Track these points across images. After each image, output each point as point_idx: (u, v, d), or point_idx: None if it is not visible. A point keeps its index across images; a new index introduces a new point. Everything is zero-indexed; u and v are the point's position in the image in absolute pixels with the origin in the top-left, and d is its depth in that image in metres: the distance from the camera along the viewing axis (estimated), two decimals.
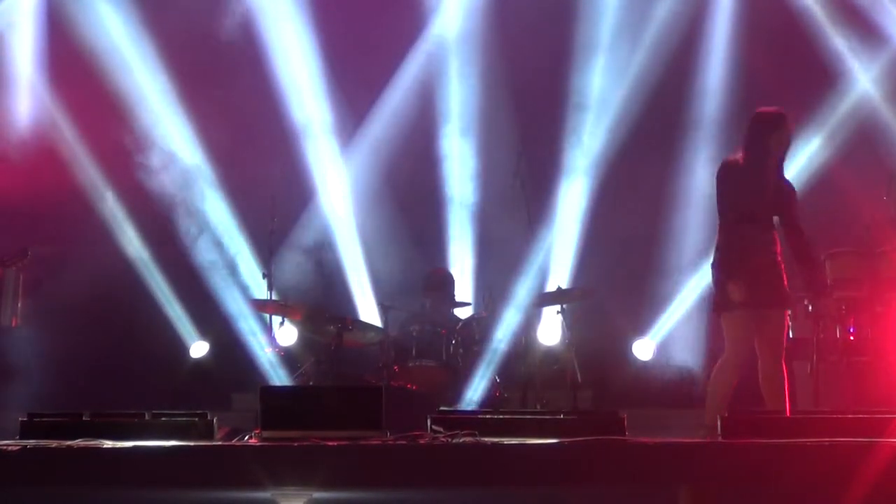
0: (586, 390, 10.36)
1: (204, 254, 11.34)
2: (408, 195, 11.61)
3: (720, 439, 6.33)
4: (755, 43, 11.56)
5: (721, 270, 7.56)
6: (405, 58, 11.89)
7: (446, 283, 10.24)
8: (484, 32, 11.76)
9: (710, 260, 7.69)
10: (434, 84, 11.87)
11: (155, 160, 11.16)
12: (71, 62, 11.30)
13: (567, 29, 11.63)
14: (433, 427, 6.38)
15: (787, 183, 7.73)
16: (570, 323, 9.71)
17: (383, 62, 11.83)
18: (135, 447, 5.93)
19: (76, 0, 11.41)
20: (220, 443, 6.56)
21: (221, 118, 11.38)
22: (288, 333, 10.21)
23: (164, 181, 11.23)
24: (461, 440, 6.13)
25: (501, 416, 6.68)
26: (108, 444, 5.99)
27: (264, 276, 9.94)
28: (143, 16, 11.42)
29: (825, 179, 11.27)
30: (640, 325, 11.33)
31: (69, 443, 6.00)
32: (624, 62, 11.63)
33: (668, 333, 11.31)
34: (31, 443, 6.07)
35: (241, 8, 11.59)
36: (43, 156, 11.27)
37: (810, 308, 9.53)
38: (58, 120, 11.38)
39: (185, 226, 11.23)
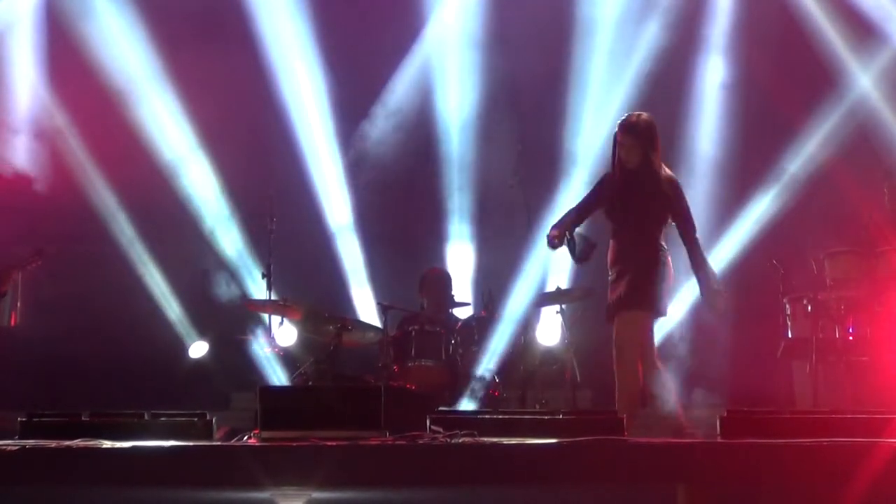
0: (585, 390, 10.36)
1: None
2: (407, 194, 11.60)
3: (719, 439, 6.33)
4: (754, 42, 11.56)
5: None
6: (405, 57, 11.89)
7: (442, 282, 10.22)
8: (483, 31, 11.76)
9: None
10: (433, 83, 11.86)
11: None
12: (70, 58, 11.32)
13: (567, 26, 11.63)
14: (432, 427, 6.38)
15: (668, 189, 7.66)
16: (570, 323, 9.71)
17: (383, 61, 11.83)
18: (134, 447, 5.92)
19: None
20: (219, 443, 6.56)
21: (221, 118, 11.38)
22: (287, 333, 10.20)
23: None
24: (460, 440, 6.13)
25: (500, 416, 6.67)
26: (108, 444, 5.98)
27: (263, 276, 9.93)
28: (142, 15, 11.45)
29: (824, 179, 11.27)
30: None
31: (68, 443, 6.00)
32: (623, 60, 11.64)
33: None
34: (30, 443, 6.06)
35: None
36: (42, 154, 11.27)
37: (809, 308, 9.53)
38: (57, 118, 11.39)
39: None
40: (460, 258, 11.54)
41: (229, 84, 11.35)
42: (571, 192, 11.57)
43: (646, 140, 7.61)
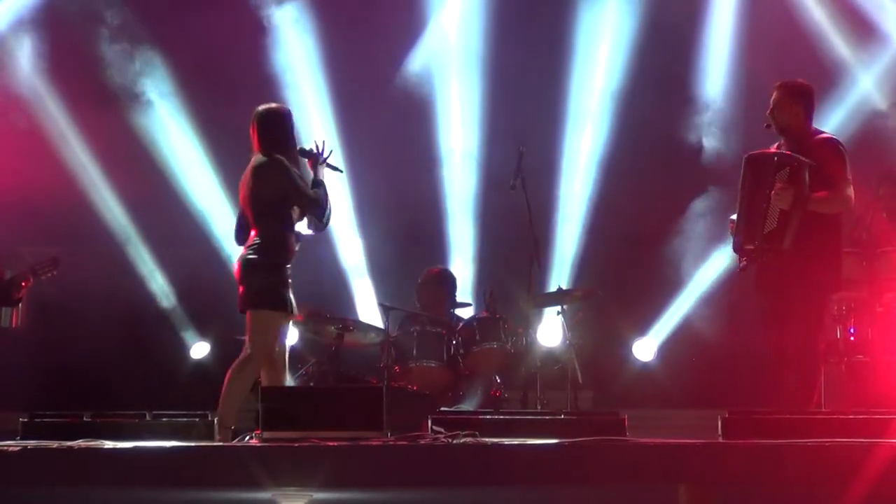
0: (587, 391, 10.36)
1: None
2: (408, 194, 11.60)
3: (721, 439, 6.33)
4: (755, 42, 11.56)
5: None
6: (406, 56, 11.89)
7: (444, 282, 10.22)
8: (485, 30, 11.76)
9: None
10: (434, 82, 11.86)
11: None
12: (69, 57, 11.34)
13: (568, 25, 11.64)
14: (434, 427, 6.39)
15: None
16: (571, 323, 9.71)
17: (384, 60, 11.82)
18: (135, 448, 5.94)
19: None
20: (220, 443, 6.57)
21: (222, 118, 11.38)
22: (289, 334, 10.19)
23: None
24: (462, 440, 6.14)
25: (502, 417, 6.69)
26: (109, 444, 6.00)
27: None
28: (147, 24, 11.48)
29: None
30: (641, 325, 11.33)
31: (70, 443, 6.02)
32: (624, 57, 11.66)
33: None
34: (31, 443, 6.08)
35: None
36: (42, 154, 11.28)
37: None
38: (57, 118, 11.40)
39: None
40: (461, 258, 11.55)
41: (231, 80, 11.35)
42: (573, 191, 11.61)
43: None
